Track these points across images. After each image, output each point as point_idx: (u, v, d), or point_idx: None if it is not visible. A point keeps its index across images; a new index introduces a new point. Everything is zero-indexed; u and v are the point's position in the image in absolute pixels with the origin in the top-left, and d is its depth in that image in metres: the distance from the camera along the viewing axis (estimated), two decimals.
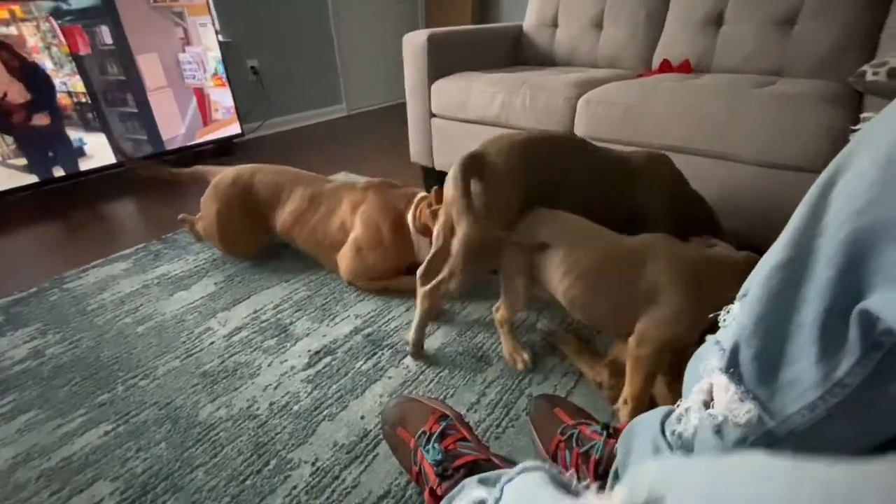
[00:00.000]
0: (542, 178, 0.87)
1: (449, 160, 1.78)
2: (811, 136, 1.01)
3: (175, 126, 2.26)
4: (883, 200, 0.26)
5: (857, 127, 0.35)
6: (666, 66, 1.61)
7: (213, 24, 2.32)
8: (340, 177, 2.00)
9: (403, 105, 1.91)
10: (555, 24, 1.94)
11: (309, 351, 0.99)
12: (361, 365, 0.95)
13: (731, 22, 1.53)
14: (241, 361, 0.97)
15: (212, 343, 1.03)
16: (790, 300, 0.33)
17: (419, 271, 1.04)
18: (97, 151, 2.02)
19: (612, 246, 0.79)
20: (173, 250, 1.45)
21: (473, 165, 0.82)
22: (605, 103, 1.30)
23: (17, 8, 1.73)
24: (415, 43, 1.67)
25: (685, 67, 1.58)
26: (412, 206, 1.12)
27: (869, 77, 1.00)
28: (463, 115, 1.64)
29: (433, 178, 1.89)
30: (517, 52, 2.04)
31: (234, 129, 2.56)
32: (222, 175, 1.28)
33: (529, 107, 1.45)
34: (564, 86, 1.40)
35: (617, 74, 1.60)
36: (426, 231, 1.09)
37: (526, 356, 0.92)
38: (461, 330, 1.05)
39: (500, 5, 3.21)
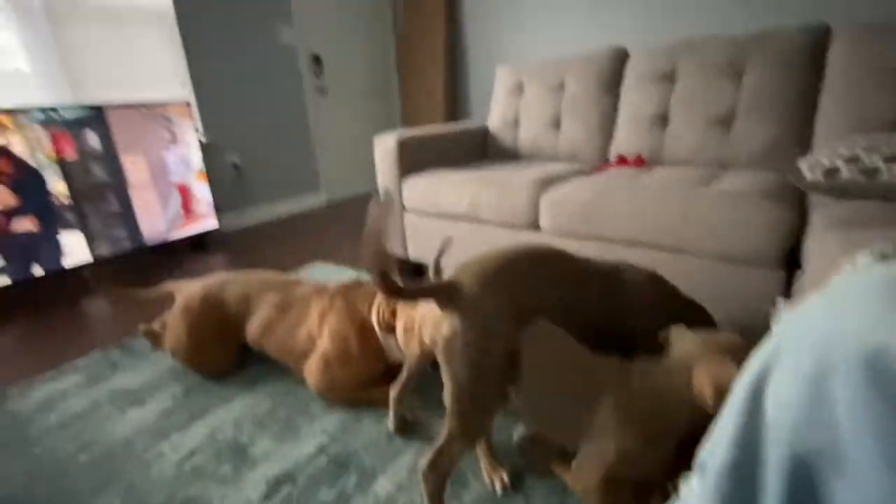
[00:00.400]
0: (524, 302, 0.78)
1: (423, 251, 1.81)
2: (759, 232, 1.06)
3: (156, 222, 2.27)
4: (817, 426, 0.26)
5: (780, 306, 0.36)
6: (621, 161, 1.72)
7: (195, 126, 2.43)
8: (316, 268, 1.99)
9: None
10: (517, 125, 2.09)
11: (267, 479, 0.91)
12: (324, 494, 0.87)
13: (675, 122, 1.67)
14: (191, 496, 0.88)
15: (160, 473, 0.94)
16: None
17: (393, 394, 1.00)
18: (72, 251, 1.99)
19: (575, 362, 0.77)
20: (131, 358, 1.38)
21: (447, 299, 0.74)
22: (566, 201, 1.36)
23: (7, 119, 1.77)
24: (385, 146, 1.76)
25: (639, 162, 1.69)
26: (374, 306, 1.10)
27: (808, 177, 1.08)
28: (434, 210, 1.70)
29: (409, 273, 1.90)
30: (485, 148, 2.17)
31: (212, 223, 2.59)
32: (190, 293, 1.24)
33: (496, 204, 1.51)
34: (527, 184, 1.47)
35: (576, 169, 1.70)
36: (392, 329, 1.06)
37: (504, 476, 0.86)
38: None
39: (469, 104, 3.47)
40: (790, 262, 1.06)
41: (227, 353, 1.24)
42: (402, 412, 1.02)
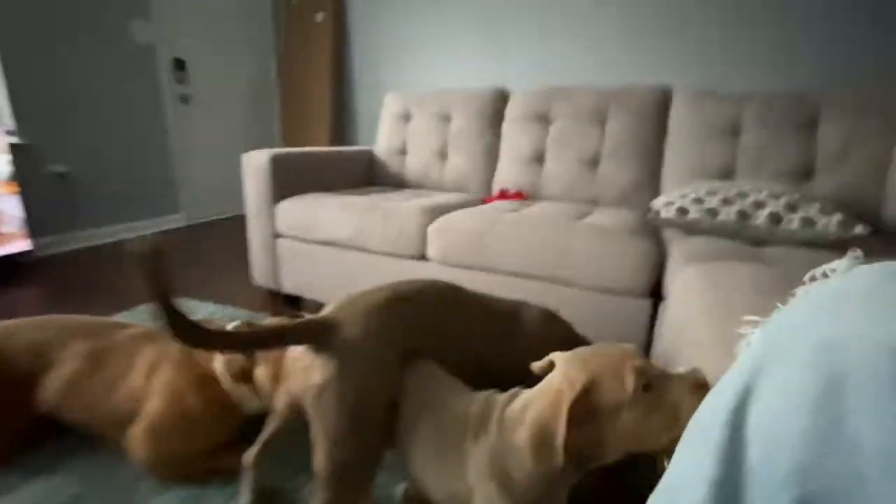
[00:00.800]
0: (413, 345, 0.69)
1: (298, 283, 1.62)
2: (630, 264, 1.13)
3: None
4: (830, 458, 0.20)
5: (747, 329, 0.32)
6: (503, 194, 1.77)
7: (3, 124, 1.92)
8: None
9: (241, 218, 1.73)
10: (404, 152, 2.05)
11: None
12: None
13: (550, 161, 1.78)
14: None
15: None
16: None
17: (248, 459, 0.81)
18: None
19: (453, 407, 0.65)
20: None
21: (320, 340, 0.61)
22: (454, 231, 1.32)
23: None
24: (256, 163, 1.56)
25: (519, 195, 1.75)
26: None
27: (663, 215, 1.19)
28: (312, 237, 1.54)
29: (282, 304, 1.69)
30: (370, 174, 2.08)
31: (22, 245, 2.04)
32: None
33: (382, 232, 1.41)
34: (415, 212, 1.41)
35: (464, 199, 1.69)
36: (244, 376, 0.88)
37: None
38: None
39: (355, 130, 3.37)
40: (655, 292, 1.15)
41: (9, 430, 0.91)
42: (260, 482, 0.83)
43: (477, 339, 0.77)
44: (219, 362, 0.89)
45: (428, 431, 0.64)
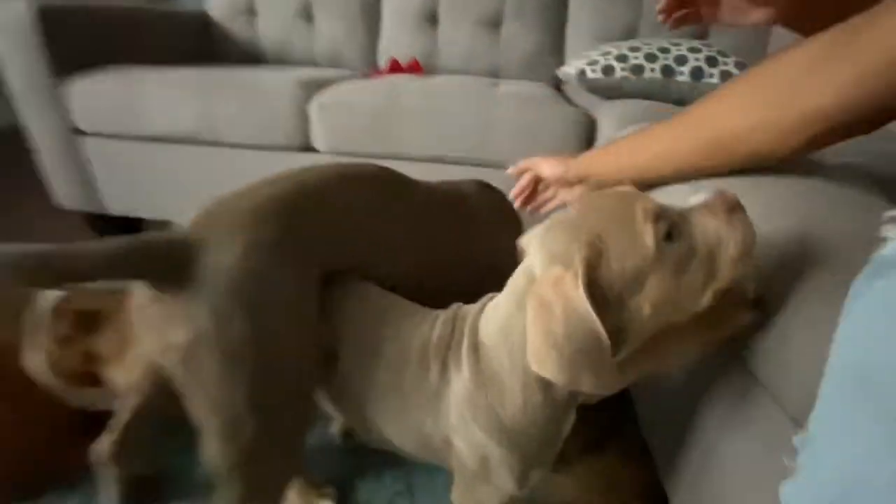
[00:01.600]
0: (333, 260, 0.46)
1: (130, 199, 1.18)
2: (563, 134, 0.99)
3: None
4: None
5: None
6: (396, 66, 1.46)
7: None
8: None
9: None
10: (252, 13, 1.53)
11: None
12: None
13: (445, 21, 1.48)
14: None
15: None
16: None
17: (98, 452, 0.55)
18: None
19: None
20: None
21: (177, 274, 0.36)
22: (347, 107, 1.02)
23: None
24: (11, 21, 0.99)
25: (415, 67, 1.46)
26: (39, 329, 0.57)
27: (588, 75, 1.04)
28: (136, 131, 1.09)
29: (116, 231, 1.24)
30: (205, 45, 1.54)
31: None
32: None
33: (242, 116, 1.04)
34: (288, 85, 1.05)
35: (343, 74, 1.35)
36: (78, 378, 0.58)
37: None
38: None
39: None
40: None
41: None
42: (130, 471, 0.58)
43: (425, 243, 0.56)
44: (36, 351, 0.56)
45: (378, 373, 0.45)
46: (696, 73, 1.04)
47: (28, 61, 1.03)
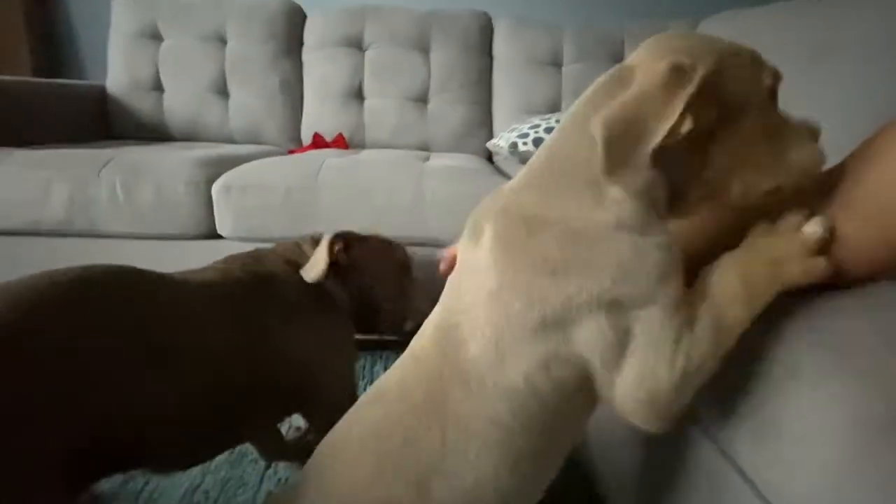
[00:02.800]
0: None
1: None
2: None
3: None
4: None
5: None
6: (319, 141, 1.38)
7: None
8: None
9: None
10: (158, 88, 1.41)
11: None
12: None
13: (372, 97, 1.45)
14: None
15: None
16: None
17: None
18: None
19: None
20: None
21: None
22: (257, 188, 0.89)
23: None
24: None
25: (340, 142, 1.39)
26: None
27: (520, 148, 1.01)
28: None
29: None
30: (104, 122, 1.38)
31: None
32: None
33: (126, 201, 0.88)
34: (185, 165, 0.91)
35: (263, 151, 1.24)
36: None
37: None
38: None
39: (78, 58, 2.34)
40: None
41: None
42: None
43: (195, 354, 0.43)
44: None
45: None
46: None
47: None
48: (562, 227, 0.30)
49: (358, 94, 1.45)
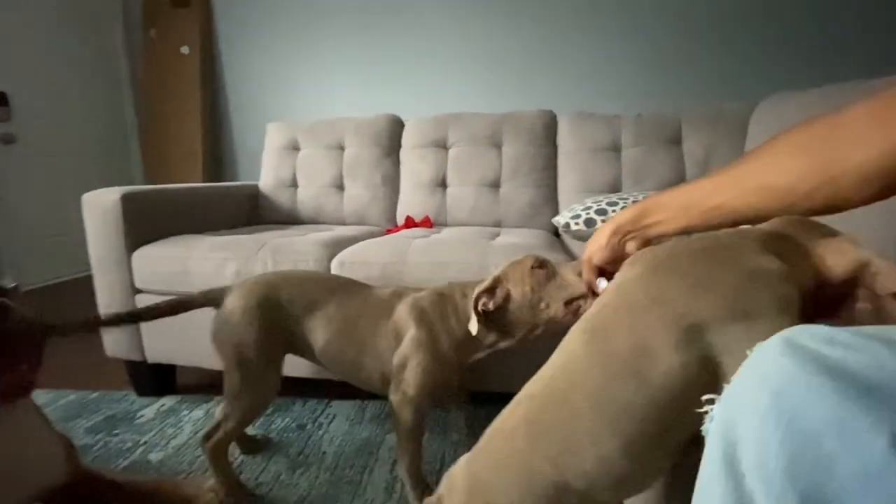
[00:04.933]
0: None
1: (168, 349, 1.31)
2: None
3: None
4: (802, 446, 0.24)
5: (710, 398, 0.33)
6: (410, 222, 1.68)
7: None
8: None
9: (87, 279, 1.37)
10: (294, 185, 1.86)
11: None
12: None
13: (453, 185, 1.74)
14: None
15: None
16: None
17: None
18: None
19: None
20: None
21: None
22: (361, 263, 1.18)
23: None
24: (101, 205, 1.26)
25: (426, 223, 1.67)
26: None
27: (573, 227, 1.19)
28: (184, 289, 1.26)
29: (145, 377, 1.35)
30: (254, 213, 1.84)
31: None
32: None
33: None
34: (313, 246, 1.24)
35: (366, 231, 1.56)
36: None
37: None
38: None
39: (236, 164, 3.06)
40: None
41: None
42: None
43: None
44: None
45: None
46: None
47: (110, 235, 1.27)
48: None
49: (442, 184, 1.75)
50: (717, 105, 1.65)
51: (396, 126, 1.85)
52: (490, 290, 0.81)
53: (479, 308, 0.79)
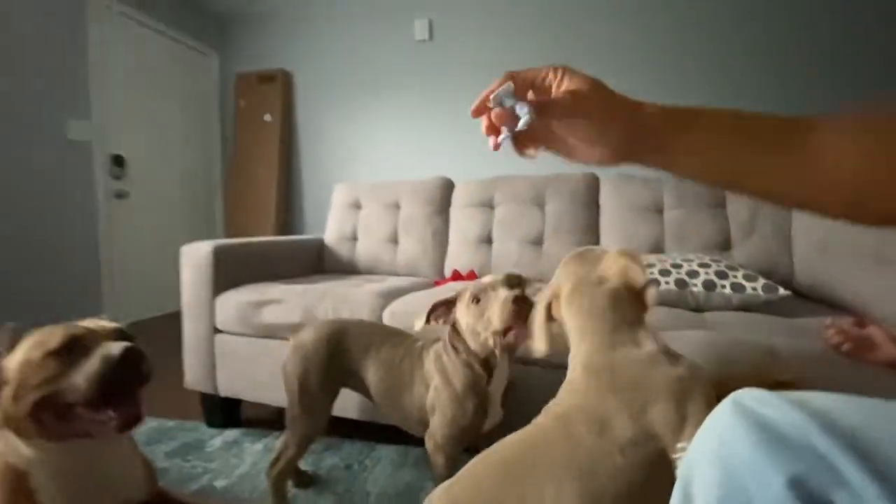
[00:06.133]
0: None
1: (236, 383, 1.47)
2: None
3: None
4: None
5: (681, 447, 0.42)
6: (456, 276, 1.79)
7: None
8: None
9: (172, 316, 1.59)
10: (354, 238, 2.05)
11: None
12: None
13: (497, 242, 1.85)
14: None
15: None
16: None
17: None
18: None
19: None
20: None
21: None
22: (409, 314, 1.29)
23: None
24: (197, 255, 1.49)
25: (472, 276, 1.78)
26: None
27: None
28: (255, 330, 1.43)
29: (215, 409, 1.51)
30: (319, 262, 2.04)
31: None
32: None
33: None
34: (368, 296, 1.37)
35: (416, 283, 1.69)
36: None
37: None
38: None
39: (303, 219, 3.38)
40: None
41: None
42: None
43: None
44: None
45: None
46: (708, 285, 1.19)
47: (202, 282, 1.48)
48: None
49: (487, 240, 1.87)
50: None
51: (447, 187, 2.02)
52: (447, 304, 0.91)
53: (432, 319, 0.92)
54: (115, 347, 0.69)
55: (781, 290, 1.14)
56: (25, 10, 2.33)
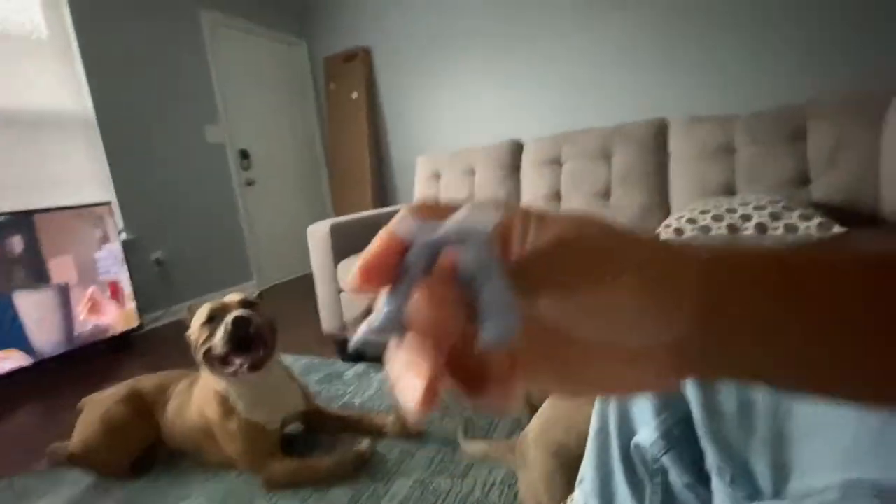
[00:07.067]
0: None
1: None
2: None
3: (84, 321, 2.20)
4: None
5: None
6: None
7: (117, 225, 2.42)
8: None
9: (307, 277, 2.06)
10: None
11: None
12: None
13: (566, 197, 2.00)
14: None
15: None
16: (605, 454, 0.48)
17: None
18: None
19: None
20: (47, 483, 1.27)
21: None
22: None
23: None
24: (319, 233, 1.90)
25: None
26: None
27: (662, 237, 1.37)
28: None
29: (346, 349, 1.97)
30: None
31: (134, 322, 2.48)
32: None
33: None
34: None
35: None
36: None
37: None
38: None
39: (395, 188, 3.76)
40: None
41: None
42: None
43: None
44: None
45: None
46: (760, 228, 1.26)
47: (324, 254, 1.90)
48: None
49: (556, 196, 2.03)
50: (851, 96, 1.57)
51: (517, 149, 2.18)
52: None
53: None
54: (229, 318, 1.05)
55: (836, 228, 1.17)
56: (159, 44, 2.88)
